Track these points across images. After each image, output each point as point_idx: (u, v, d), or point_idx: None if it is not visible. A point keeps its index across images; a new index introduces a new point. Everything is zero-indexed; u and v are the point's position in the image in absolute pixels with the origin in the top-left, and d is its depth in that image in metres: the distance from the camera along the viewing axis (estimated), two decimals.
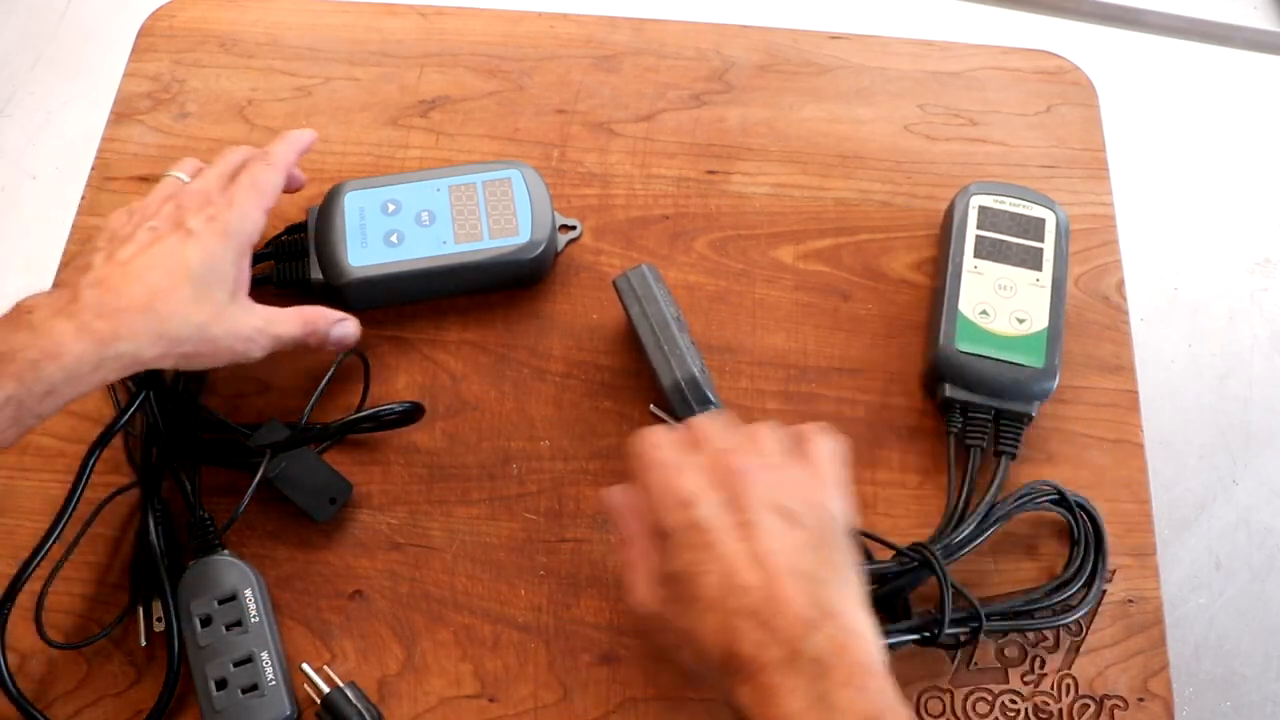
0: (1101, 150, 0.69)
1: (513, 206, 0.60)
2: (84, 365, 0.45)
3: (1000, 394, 0.57)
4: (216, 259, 0.50)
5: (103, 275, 0.47)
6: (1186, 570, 1.11)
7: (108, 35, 1.42)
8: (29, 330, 0.44)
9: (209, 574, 0.52)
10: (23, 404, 0.43)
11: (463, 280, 0.60)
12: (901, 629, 0.51)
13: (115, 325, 0.46)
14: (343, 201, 0.59)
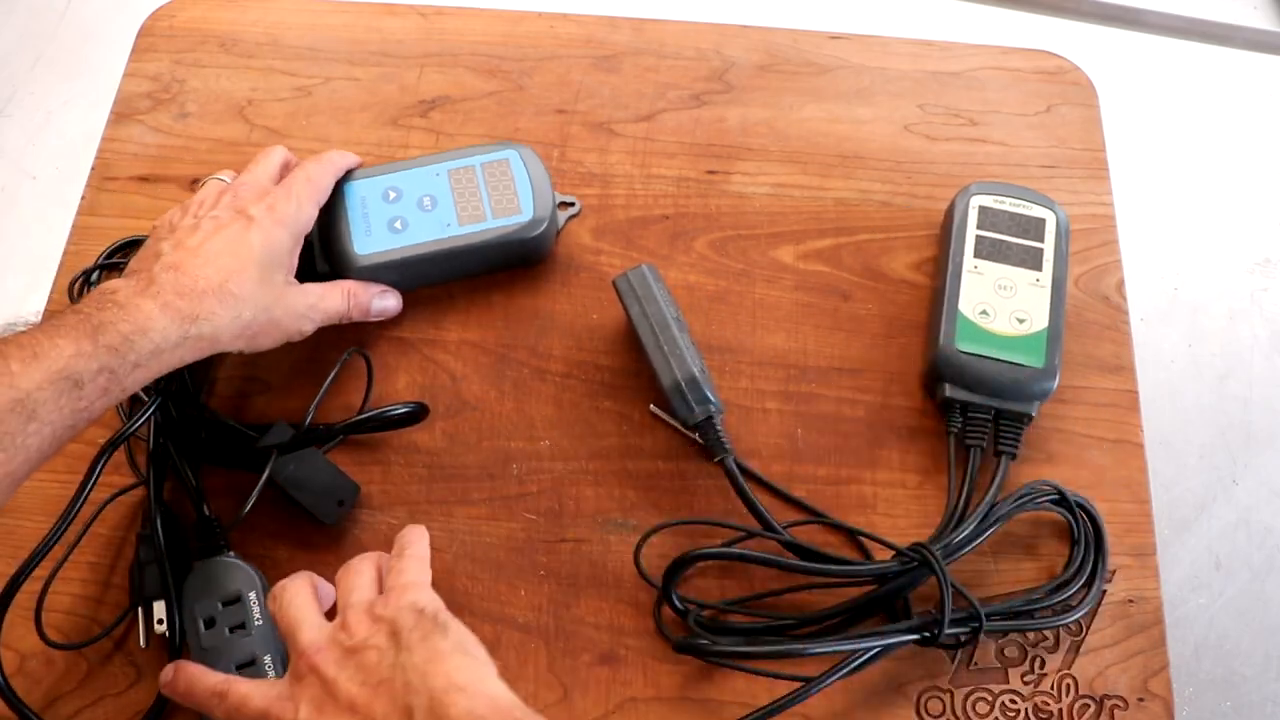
0: (1101, 150, 0.69)
1: (513, 186, 0.60)
2: (169, 340, 0.47)
3: (1000, 394, 0.57)
4: (277, 244, 0.53)
5: (175, 260, 0.50)
6: (1186, 570, 1.11)
7: (108, 35, 1.42)
8: (117, 307, 0.47)
9: (213, 575, 0.52)
10: (115, 374, 0.45)
11: (468, 262, 0.61)
12: (902, 629, 0.51)
13: (195, 306, 0.49)
14: (343, 191, 0.60)
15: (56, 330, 0.45)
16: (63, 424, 0.44)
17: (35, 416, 0.43)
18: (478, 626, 0.54)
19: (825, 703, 0.52)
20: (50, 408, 0.43)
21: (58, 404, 0.43)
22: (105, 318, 0.46)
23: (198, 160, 0.67)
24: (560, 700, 0.53)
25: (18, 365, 0.43)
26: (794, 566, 0.54)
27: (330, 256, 0.59)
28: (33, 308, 1.18)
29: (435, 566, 0.55)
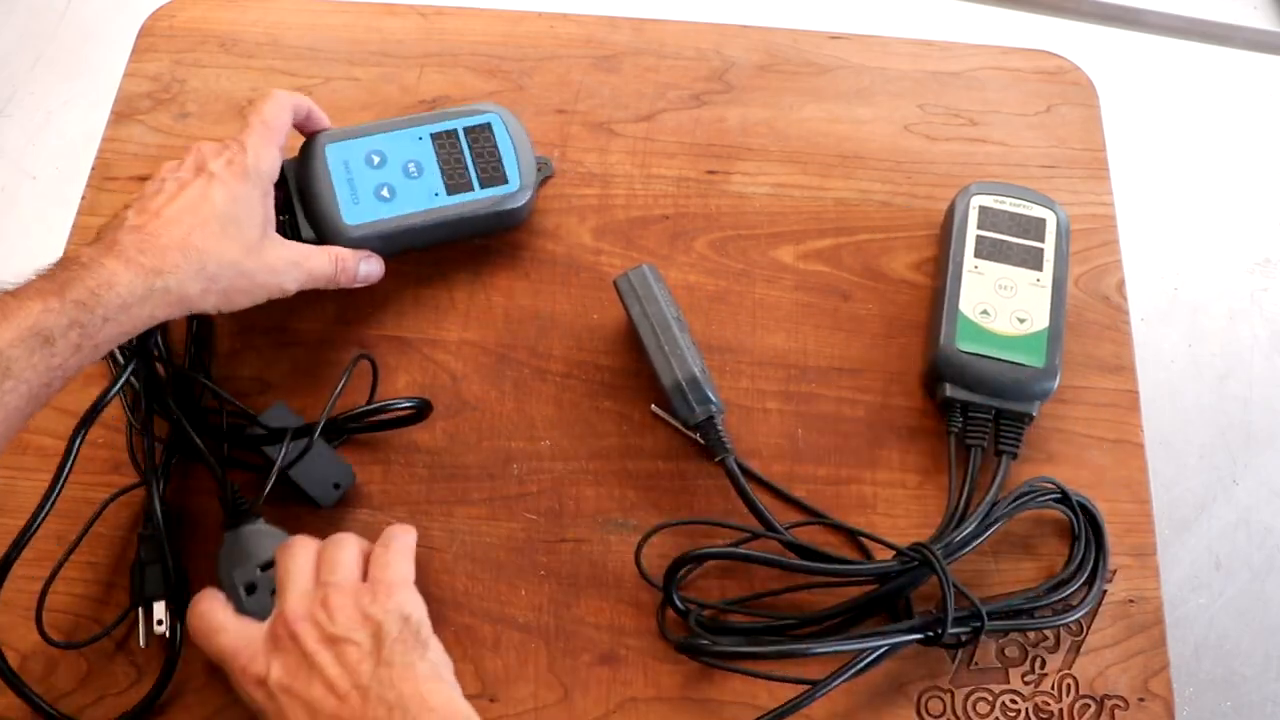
0: (1101, 150, 0.69)
1: (498, 153, 0.60)
2: (134, 294, 0.47)
3: (1001, 394, 0.57)
4: (241, 198, 0.52)
5: (138, 223, 0.50)
6: (1186, 570, 1.11)
7: (108, 35, 1.42)
8: (80, 266, 0.47)
9: (248, 543, 0.52)
10: (85, 329, 0.46)
11: (454, 231, 0.61)
12: (904, 629, 0.51)
13: (158, 261, 0.48)
14: (324, 154, 0.58)
15: (23, 291, 0.46)
16: (38, 381, 0.44)
17: (10, 374, 0.43)
18: (478, 626, 0.54)
19: (826, 703, 0.52)
20: (24, 365, 0.44)
21: (30, 361, 0.44)
22: (70, 275, 0.46)
23: None
24: (560, 700, 0.53)
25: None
26: (795, 566, 0.54)
27: (317, 225, 0.58)
28: None
29: (435, 566, 0.56)
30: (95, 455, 0.58)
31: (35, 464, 0.58)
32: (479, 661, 0.54)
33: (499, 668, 0.54)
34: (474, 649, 0.54)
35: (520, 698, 0.53)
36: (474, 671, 0.53)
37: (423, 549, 0.56)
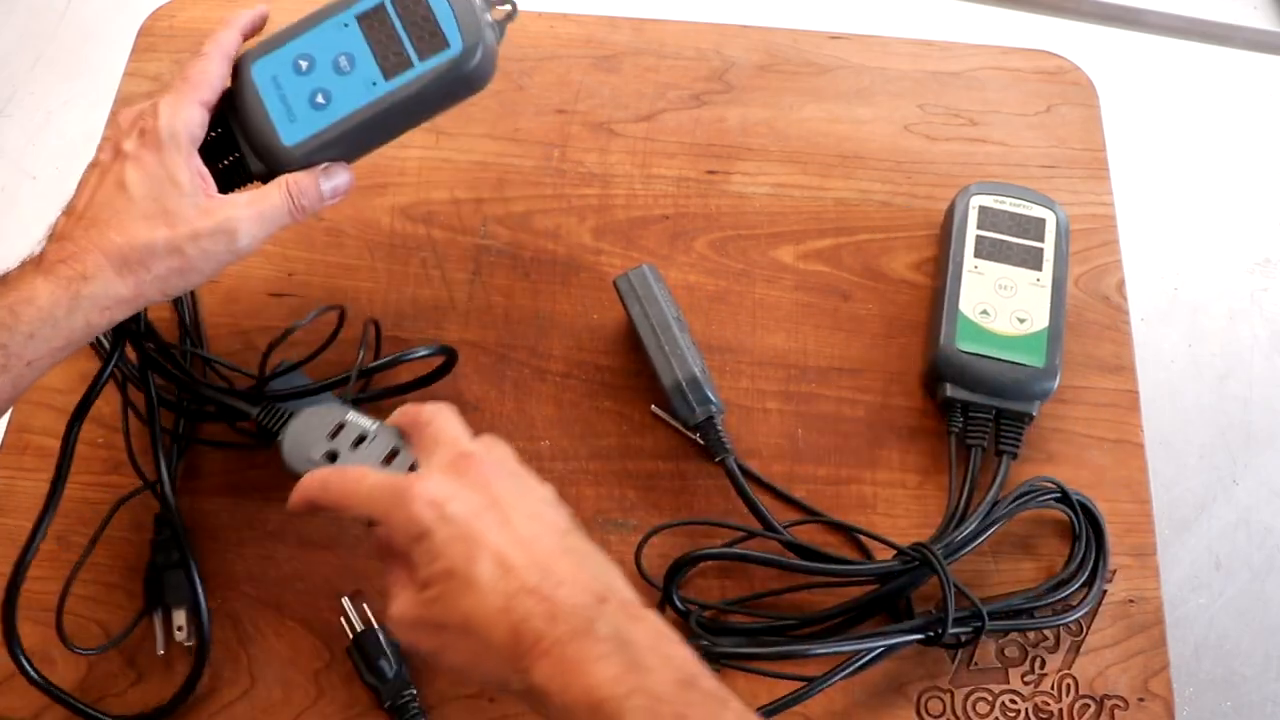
0: (1101, 150, 0.69)
1: (432, 15, 0.52)
2: (59, 307, 0.45)
3: (1001, 393, 0.57)
4: (154, 172, 0.48)
5: (62, 230, 0.48)
6: (1186, 570, 1.11)
7: (108, 35, 1.42)
8: (3, 285, 0.46)
9: (302, 430, 0.49)
10: (8, 349, 0.44)
11: (410, 116, 0.54)
12: (905, 629, 0.51)
13: (79, 267, 0.46)
14: (250, 75, 0.53)
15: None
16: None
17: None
18: None
19: (825, 702, 0.52)
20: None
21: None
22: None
23: None
24: None
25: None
26: (795, 566, 0.54)
27: (261, 155, 0.52)
28: None
29: None
30: (95, 455, 0.58)
31: (35, 464, 0.58)
32: None
33: None
34: None
35: None
36: None
37: None
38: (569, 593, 0.38)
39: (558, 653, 0.37)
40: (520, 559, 0.39)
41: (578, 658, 0.37)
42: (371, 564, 0.55)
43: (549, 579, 0.39)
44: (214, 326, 0.62)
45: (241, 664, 0.53)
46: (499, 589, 0.39)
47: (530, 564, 0.39)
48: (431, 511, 0.41)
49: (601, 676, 0.36)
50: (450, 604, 0.40)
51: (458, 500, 0.41)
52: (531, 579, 0.39)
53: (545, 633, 0.37)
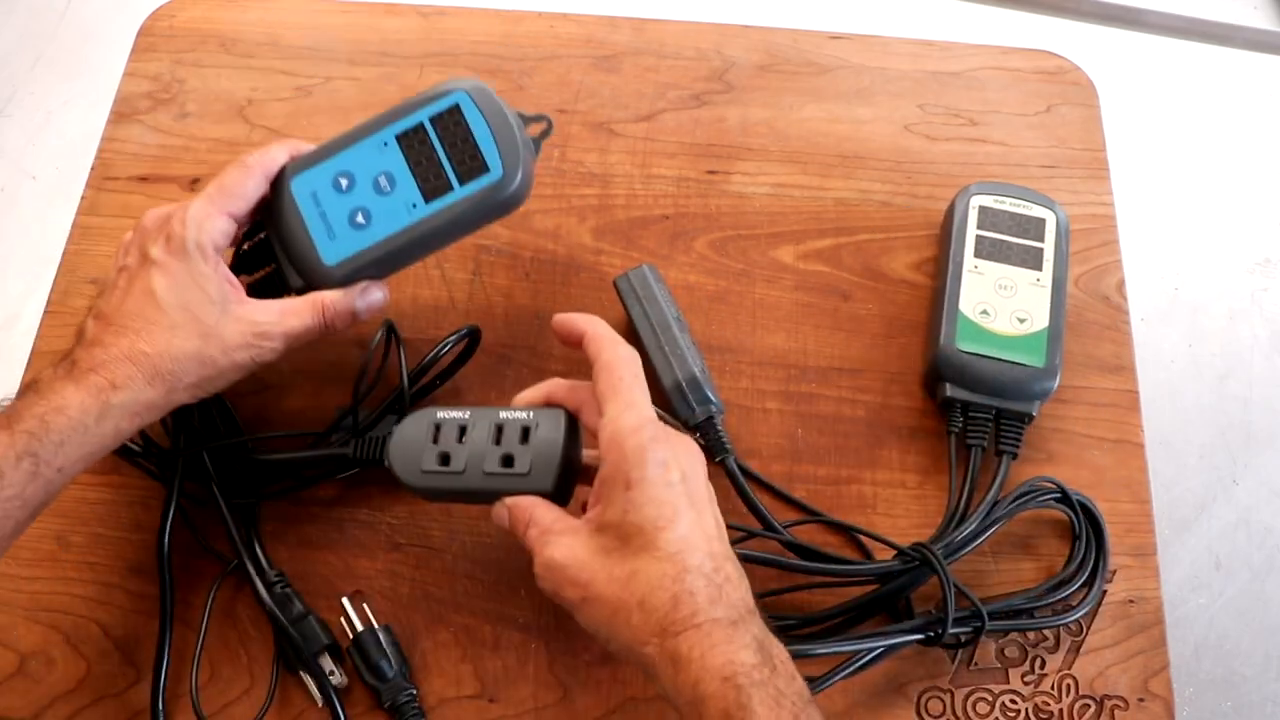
0: (1101, 150, 0.69)
1: (472, 139, 0.52)
2: (88, 415, 0.46)
3: (1001, 393, 0.57)
4: (183, 280, 0.49)
5: (93, 335, 0.48)
6: (1186, 570, 1.11)
7: (108, 35, 1.42)
8: (35, 393, 0.46)
9: (403, 443, 0.50)
10: (38, 457, 0.45)
11: (448, 237, 0.54)
12: (905, 629, 0.51)
13: (110, 375, 0.47)
14: (290, 191, 0.53)
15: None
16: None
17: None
18: (478, 627, 0.54)
19: (826, 702, 0.52)
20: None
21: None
22: (21, 405, 0.46)
23: (198, 160, 0.67)
24: (560, 700, 0.53)
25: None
26: (795, 566, 0.54)
27: (300, 271, 0.53)
28: (33, 308, 1.18)
29: (435, 566, 0.56)
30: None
31: None
32: (479, 661, 0.54)
33: (499, 668, 0.54)
34: (474, 649, 0.54)
35: (520, 698, 0.53)
36: (474, 671, 0.53)
37: (422, 549, 0.56)
38: (732, 590, 0.42)
39: (710, 628, 0.40)
40: (703, 546, 0.43)
41: (725, 638, 0.40)
42: (371, 565, 0.55)
43: (719, 573, 0.42)
44: None
45: (241, 664, 0.53)
46: (678, 560, 0.42)
47: (709, 554, 0.42)
48: (659, 469, 0.43)
49: (742, 658, 0.40)
50: (625, 558, 0.43)
51: (683, 471, 0.44)
52: (708, 565, 0.42)
53: (704, 610, 0.41)
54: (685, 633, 0.40)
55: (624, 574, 0.42)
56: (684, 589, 0.41)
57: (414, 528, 0.56)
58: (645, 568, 0.42)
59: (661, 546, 0.42)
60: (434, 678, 0.53)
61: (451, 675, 0.53)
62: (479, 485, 0.48)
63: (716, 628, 0.40)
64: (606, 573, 0.43)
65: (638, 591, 0.42)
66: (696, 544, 0.42)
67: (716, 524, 0.44)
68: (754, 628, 0.41)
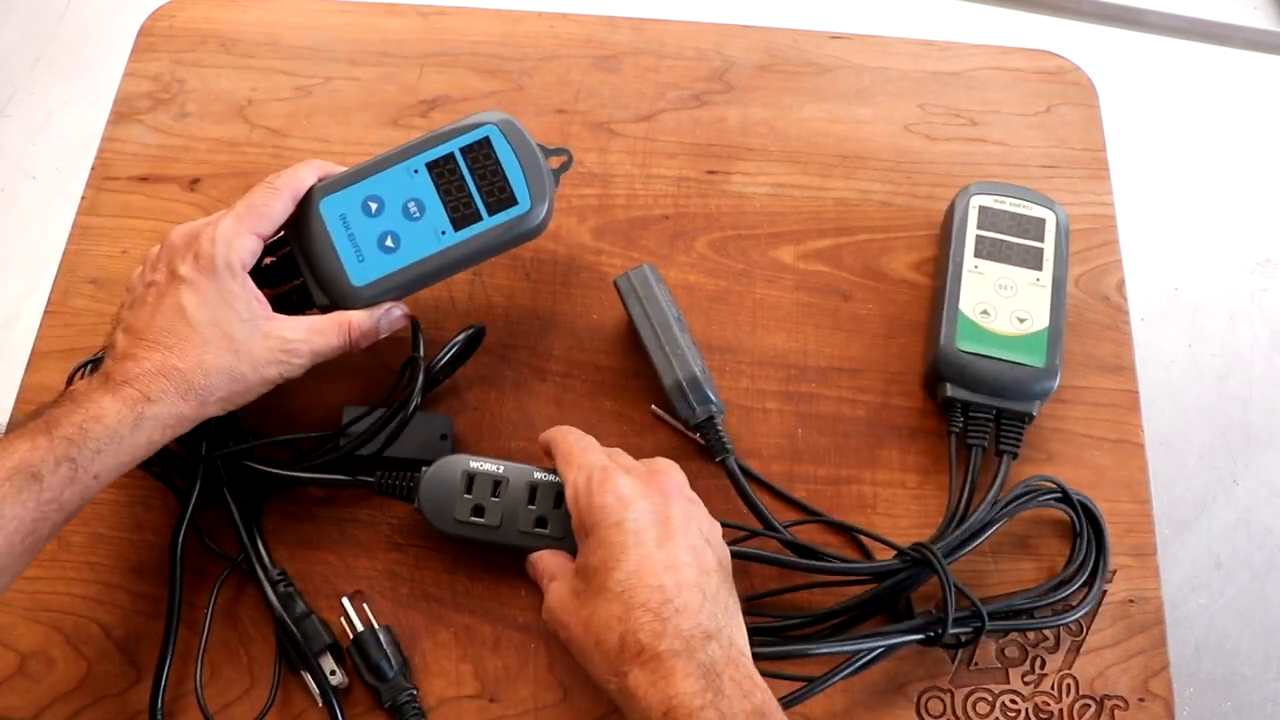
0: (1101, 150, 0.69)
1: (502, 172, 0.54)
2: (124, 425, 0.47)
3: (1001, 393, 0.57)
4: (212, 297, 0.50)
5: (124, 349, 0.49)
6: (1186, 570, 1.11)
7: (108, 35, 1.42)
8: (72, 402, 0.47)
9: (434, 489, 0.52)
10: (75, 463, 0.45)
11: (469, 262, 0.56)
12: (905, 629, 0.51)
13: (144, 388, 0.48)
14: (319, 211, 0.54)
15: (14, 432, 0.46)
16: (28, 518, 0.44)
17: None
18: (478, 626, 0.54)
19: (825, 702, 0.52)
20: (11, 503, 0.44)
21: (19, 499, 0.44)
22: (61, 412, 0.46)
23: (198, 160, 0.67)
24: (560, 700, 0.53)
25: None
26: (795, 565, 0.54)
27: (326, 289, 0.54)
28: (33, 308, 1.18)
29: (435, 566, 0.56)
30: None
31: None
32: (479, 661, 0.54)
33: (499, 668, 0.54)
34: (474, 649, 0.54)
35: (520, 698, 0.53)
36: (474, 671, 0.53)
37: (422, 549, 0.56)
38: (681, 622, 0.43)
39: (654, 664, 0.42)
40: (651, 580, 0.44)
41: (669, 670, 0.41)
42: (372, 565, 0.55)
43: (669, 605, 0.43)
44: None
45: (241, 664, 0.53)
46: (624, 599, 0.43)
47: (660, 587, 0.43)
48: (616, 508, 0.46)
49: (683, 688, 0.41)
50: (586, 600, 0.45)
51: (638, 505, 0.46)
52: (655, 600, 0.43)
53: (648, 646, 0.42)
54: (632, 671, 0.42)
55: (586, 615, 0.45)
56: (629, 628, 0.43)
57: (414, 528, 0.56)
58: (599, 609, 0.44)
59: (610, 587, 0.44)
60: (434, 678, 0.53)
61: (452, 675, 0.53)
62: (513, 542, 0.52)
63: (659, 663, 0.42)
64: (576, 614, 0.45)
65: (594, 632, 0.44)
66: (644, 579, 0.44)
67: (687, 549, 0.45)
68: (702, 654, 0.42)
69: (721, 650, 0.42)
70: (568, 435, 0.51)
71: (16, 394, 0.60)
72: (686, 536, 0.46)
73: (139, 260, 0.63)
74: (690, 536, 0.46)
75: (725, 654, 0.42)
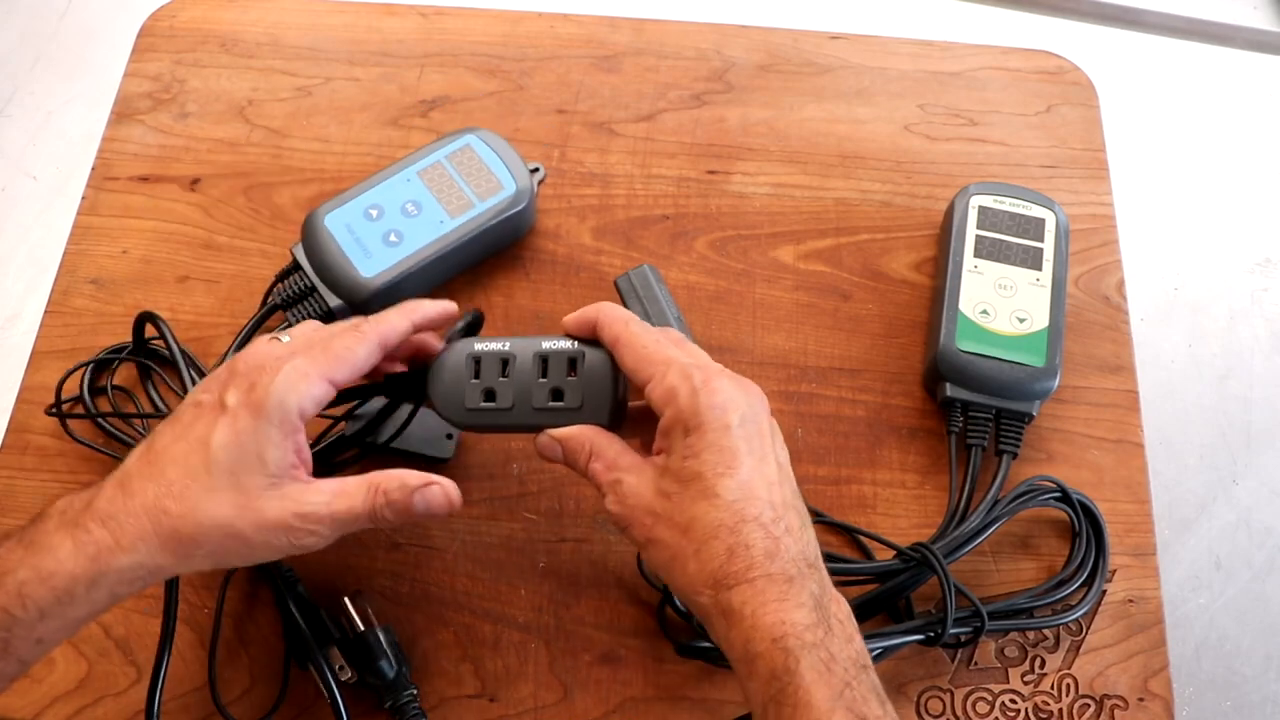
0: (1101, 150, 0.69)
1: (486, 167, 0.61)
2: (78, 584, 0.40)
3: (1001, 393, 0.57)
4: (247, 440, 0.42)
5: (129, 469, 0.43)
6: (1186, 570, 1.11)
7: (108, 35, 1.42)
8: (27, 547, 0.41)
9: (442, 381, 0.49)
10: (11, 633, 0.40)
11: (470, 251, 0.61)
12: (905, 629, 0.51)
13: (118, 533, 0.41)
14: (325, 225, 0.59)
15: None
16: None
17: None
18: (478, 626, 0.54)
19: None
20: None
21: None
22: (6, 563, 0.40)
23: (198, 160, 0.67)
24: (560, 700, 0.53)
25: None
26: None
27: (339, 290, 0.58)
28: (33, 308, 1.18)
29: (435, 566, 0.56)
30: (95, 455, 0.58)
31: (35, 464, 0.58)
32: (479, 661, 0.54)
33: (499, 668, 0.54)
34: (474, 649, 0.54)
35: (520, 698, 0.53)
36: (474, 671, 0.53)
37: (422, 549, 0.56)
38: (791, 543, 0.40)
39: (764, 584, 0.39)
40: (764, 494, 0.41)
41: (781, 595, 0.39)
42: (372, 565, 0.55)
43: (779, 524, 0.41)
44: (213, 327, 0.62)
45: (241, 664, 0.53)
46: (735, 509, 0.41)
47: (770, 503, 0.41)
48: (718, 413, 0.42)
49: (796, 618, 0.39)
50: (683, 504, 0.42)
51: (742, 413, 0.43)
52: (767, 515, 0.41)
53: (759, 564, 0.39)
54: (738, 586, 0.39)
55: (683, 520, 0.41)
56: (740, 541, 0.40)
57: (414, 528, 0.56)
58: (703, 515, 0.41)
59: (720, 494, 0.41)
60: (434, 677, 0.53)
61: (452, 675, 0.53)
62: (530, 421, 0.48)
63: (771, 584, 0.39)
64: (668, 517, 0.42)
65: (695, 540, 0.41)
66: (756, 492, 0.41)
67: (779, 468, 0.43)
68: (812, 584, 0.40)
69: (820, 584, 0.40)
70: (629, 324, 0.46)
71: (17, 394, 0.60)
72: (778, 452, 0.43)
73: (139, 260, 0.63)
74: (781, 454, 0.44)
75: (825, 588, 0.41)
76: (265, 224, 0.65)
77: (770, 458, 0.43)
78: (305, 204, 0.65)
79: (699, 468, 0.42)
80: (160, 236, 0.64)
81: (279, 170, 0.66)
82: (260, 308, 0.60)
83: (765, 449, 0.43)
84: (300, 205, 0.65)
